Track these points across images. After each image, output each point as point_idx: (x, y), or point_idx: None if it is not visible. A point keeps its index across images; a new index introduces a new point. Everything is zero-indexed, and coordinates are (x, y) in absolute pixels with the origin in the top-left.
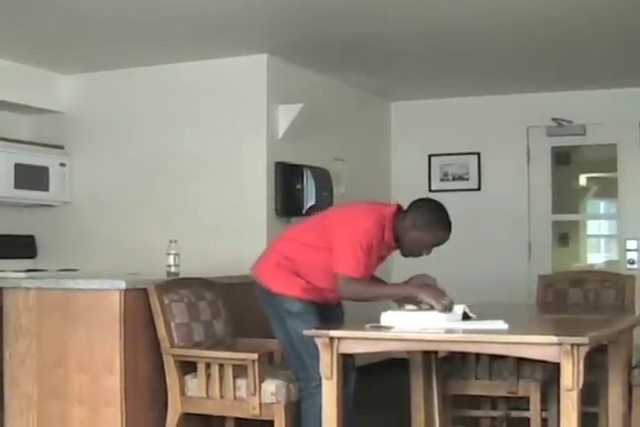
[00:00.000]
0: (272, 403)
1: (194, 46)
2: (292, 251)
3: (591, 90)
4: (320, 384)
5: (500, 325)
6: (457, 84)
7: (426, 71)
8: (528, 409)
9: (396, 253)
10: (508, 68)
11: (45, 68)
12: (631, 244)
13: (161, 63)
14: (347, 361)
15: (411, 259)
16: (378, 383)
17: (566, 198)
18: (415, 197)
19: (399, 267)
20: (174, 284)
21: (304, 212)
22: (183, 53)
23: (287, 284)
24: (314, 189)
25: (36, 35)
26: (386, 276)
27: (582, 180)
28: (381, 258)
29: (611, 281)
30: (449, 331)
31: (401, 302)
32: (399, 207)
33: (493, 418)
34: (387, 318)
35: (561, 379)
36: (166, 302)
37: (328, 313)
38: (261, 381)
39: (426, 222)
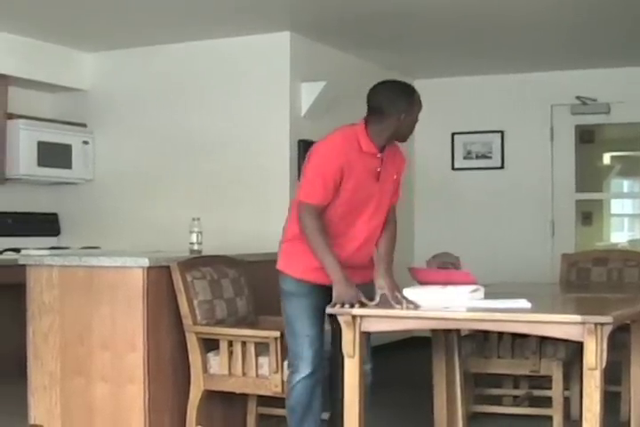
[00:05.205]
0: None
1: (217, 24)
2: (287, 221)
3: (616, 68)
4: (296, 372)
5: (524, 303)
6: (481, 62)
7: (450, 49)
8: (550, 388)
9: (419, 227)
10: (533, 46)
11: (68, 46)
12: None
13: (184, 41)
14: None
15: (433, 234)
16: (400, 361)
17: (590, 177)
18: (438, 175)
19: (421, 241)
20: (197, 261)
21: None
22: (206, 31)
23: (289, 262)
24: None
25: (58, 13)
26: (408, 249)
27: (606, 158)
28: (377, 177)
29: (634, 260)
30: (472, 309)
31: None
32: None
33: (515, 397)
34: (408, 294)
35: (584, 358)
36: (189, 279)
37: None
38: (283, 358)
39: (398, 101)
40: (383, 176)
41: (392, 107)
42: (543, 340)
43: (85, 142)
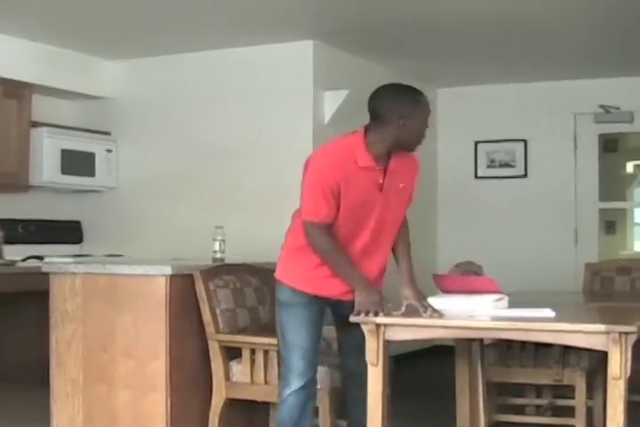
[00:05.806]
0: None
1: (240, 32)
2: (288, 230)
3: (639, 76)
4: (287, 386)
5: (548, 313)
6: (503, 71)
7: (472, 57)
8: (573, 398)
9: (442, 236)
10: (555, 55)
11: (90, 53)
12: None
13: (207, 49)
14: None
15: (456, 243)
16: (422, 370)
17: (613, 186)
18: (461, 184)
19: (444, 250)
20: (220, 270)
21: None
22: (229, 40)
23: (287, 270)
24: None
25: (80, 20)
26: (431, 257)
27: (629, 167)
28: (379, 188)
29: None
30: (496, 318)
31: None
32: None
33: (538, 406)
34: (433, 303)
35: (608, 368)
36: (212, 287)
37: (340, 310)
38: None
39: (397, 105)
40: (387, 187)
41: (390, 111)
42: (566, 349)
43: (109, 150)
